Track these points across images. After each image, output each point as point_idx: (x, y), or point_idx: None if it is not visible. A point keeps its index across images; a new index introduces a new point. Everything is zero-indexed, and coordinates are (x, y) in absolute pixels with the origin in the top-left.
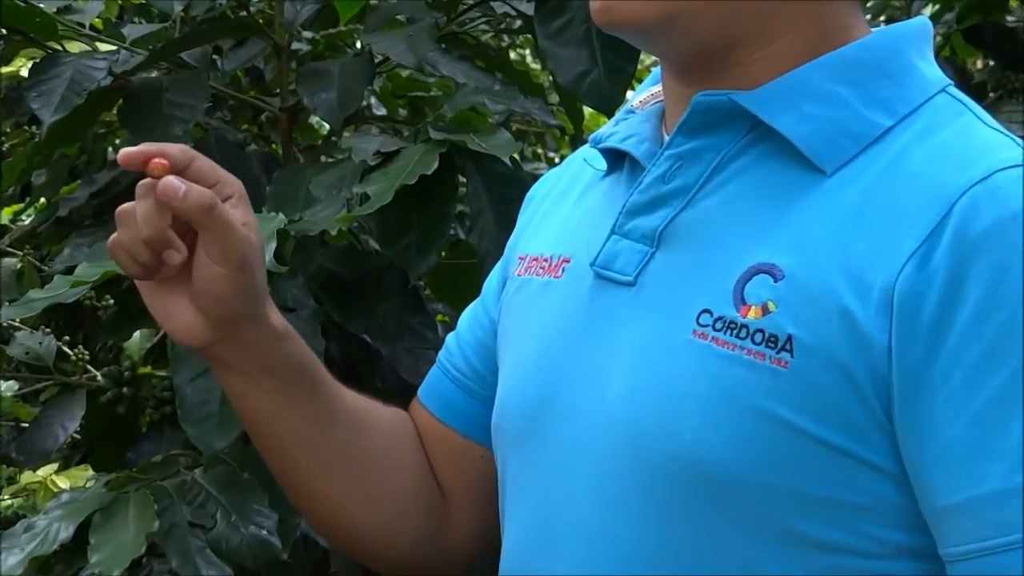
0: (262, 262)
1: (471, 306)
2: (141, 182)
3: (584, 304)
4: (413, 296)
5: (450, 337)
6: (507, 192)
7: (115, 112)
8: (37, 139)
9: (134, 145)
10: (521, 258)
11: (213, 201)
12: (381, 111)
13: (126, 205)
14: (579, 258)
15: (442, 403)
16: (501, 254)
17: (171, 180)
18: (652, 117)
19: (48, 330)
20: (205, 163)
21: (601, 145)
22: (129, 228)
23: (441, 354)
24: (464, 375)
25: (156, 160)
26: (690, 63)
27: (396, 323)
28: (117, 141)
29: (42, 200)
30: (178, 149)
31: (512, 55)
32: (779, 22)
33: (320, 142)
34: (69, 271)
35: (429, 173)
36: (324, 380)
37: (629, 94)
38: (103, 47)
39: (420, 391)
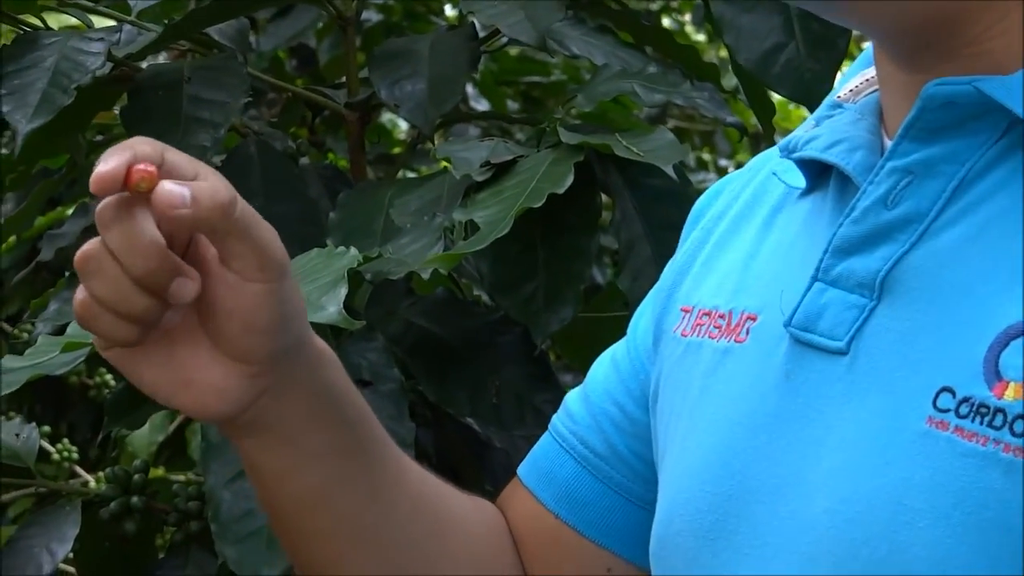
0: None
1: (608, 356)
2: (104, 204)
3: (777, 381)
4: (538, 364)
5: (574, 398)
6: (669, 215)
7: (117, 113)
8: (8, 152)
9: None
10: (686, 310)
11: (232, 194)
12: (482, 105)
13: (88, 248)
14: (769, 315)
15: (559, 489)
16: None
17: (169, 186)
18: (867, 114)
19: (18, 417)
20: (177, 154)
21: (797, 155)
22: (104, 276)
23: (558, 419)
24: (595, 452)
25: (139, 169)
26: (911, 40)
27: (514, 402)
28: None
29: (11, 238)
30: (147, 144)
31: (665, 21)
32: None
33: (401, 150)
34: (58, 333)
35: (561, 192)
36: (382, 439)
37: (839, 78)
38: (99, 22)
39: (523, 469)
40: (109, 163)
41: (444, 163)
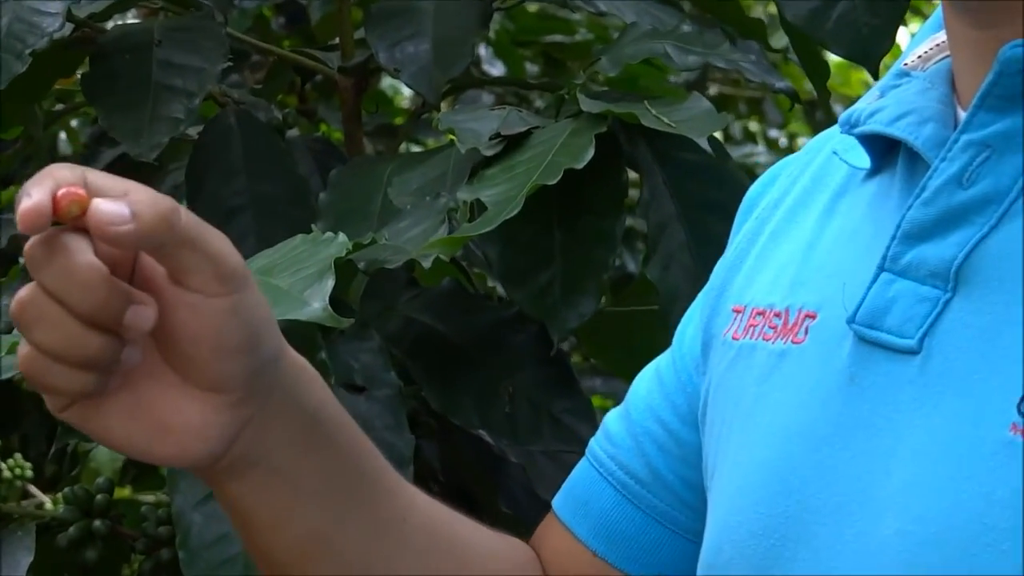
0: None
1: (651, 369)
2: (31, 244)
3: (839, 386)
4: (557, 367)
5: (614, 418)
6: (705, 194)
7: (77, 80)
8: None
9: (111, 129)
10: (737, 310)
11: (173, 202)
12: (497, 68)
13: (23, 295)
14: (830, 311)
15: (596, 521)
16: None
17: (104, 204)
18: (938, 83)
19: None
20: (99, 175)
21: (859, 130)
22: (47, 322)
23: (596, 442)
24: (636, 478)
25: (66, 193)
26: None
27: (530, 411)
28: (73, 123)
29: None
30: (65, 169)
31: None
32: None
33: (402, 121)
34: (8, 331)
35: (581, 167)
36: (382, 466)
37: (903, 39)
38: None
39: (557, 499)
40: (32, 196)
41: (449, 135)
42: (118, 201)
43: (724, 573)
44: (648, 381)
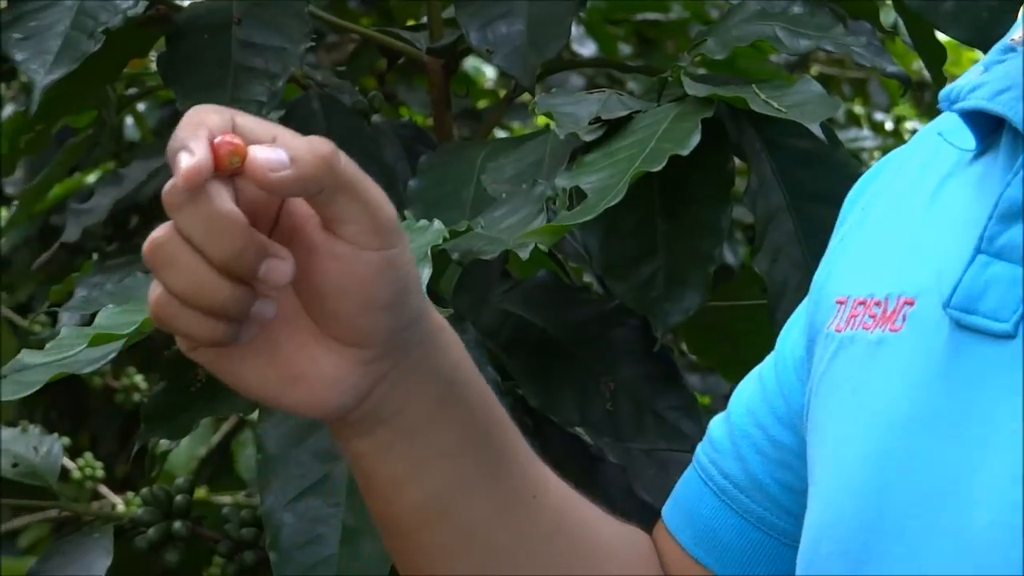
0: None
1: (753, 375)
2: (173, 184)
3: (936, 374)
4: (660, 363)
5: (717, 423)
6: (816, 183)
7: (154, 61)
8: (23, 109)
9: (186, 111)
10: (840, 301)
11: (332, 146)
12: (587, 48)
13: (158, 236)
14: (928, 297)
15: (699, 528)
16: (808, 288)
17: (262, 150)
18: None
19: (36, 427)
20: (246, 117)
21: (959, 105)
22: (181, 266)
23: (701, 450)
24: (734, 483)
25: (225, 143)
26: None
27: (631, 408)
28: (141, 107)
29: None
30: (213, 113)
31: None
32: None
33: (492, 105)
34: (87, 324)
35: (685, 153)
36: (516, 439)
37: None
38: None
39: (666, 510)
40: (194, 152)
41: (545, 120)
42: (275, 147)
43: (822, 569)
44: (749, 385)
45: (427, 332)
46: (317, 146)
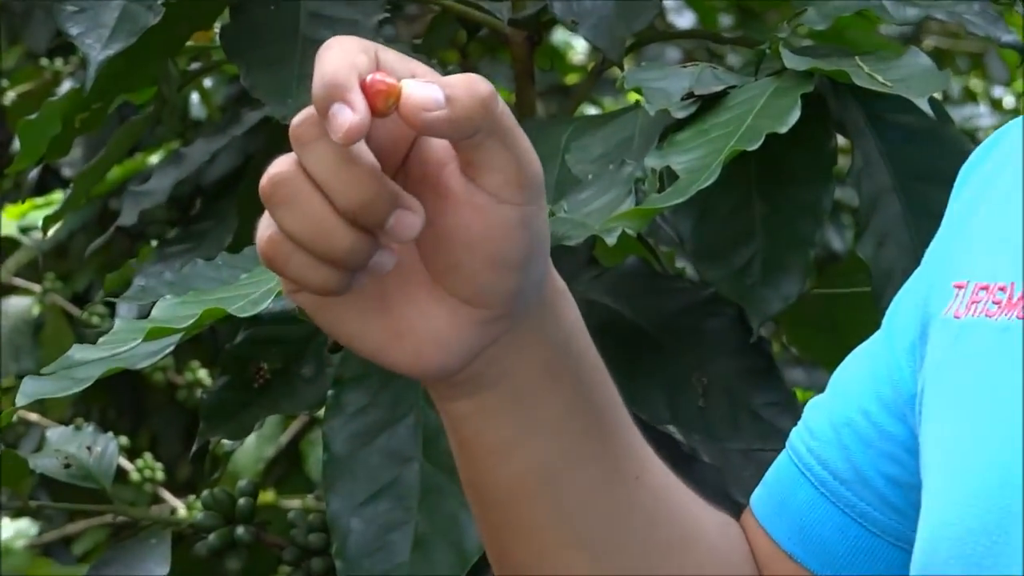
0: None
1: (857, 357)
2: (304, 118)
3: None
4: (758, 355)
5: (816, 408)
6: (924, 162)
7: (216, 34)
8: (78, 86)
9: (253, 89)
10: (959, 286)
11: (490, 87)
12: (685, 20)
13: (281, 171)
14: None
15: (793, 522)
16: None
17: (416, 89)
18: None
19: (90, 426)
20: (386, 51)
21: None
22: (302, 207)
23: (796, 433)
24: (835, 474)
25: (376, 81)
26: None
27: (726, 404)
28: (207, 81)
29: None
30: (355, 44)
31: None
32: None
33: (575, 79)
34: (144, 316)
35: (784, 131)
36: (623, 415)
37: None
38: None
39: (755, 496)
40: (354, 104)
41: (635, 96)
42: (427, 83)
43: (939, 574)
44: (852, 368)
45: (547, 296)
46: (476, 86)
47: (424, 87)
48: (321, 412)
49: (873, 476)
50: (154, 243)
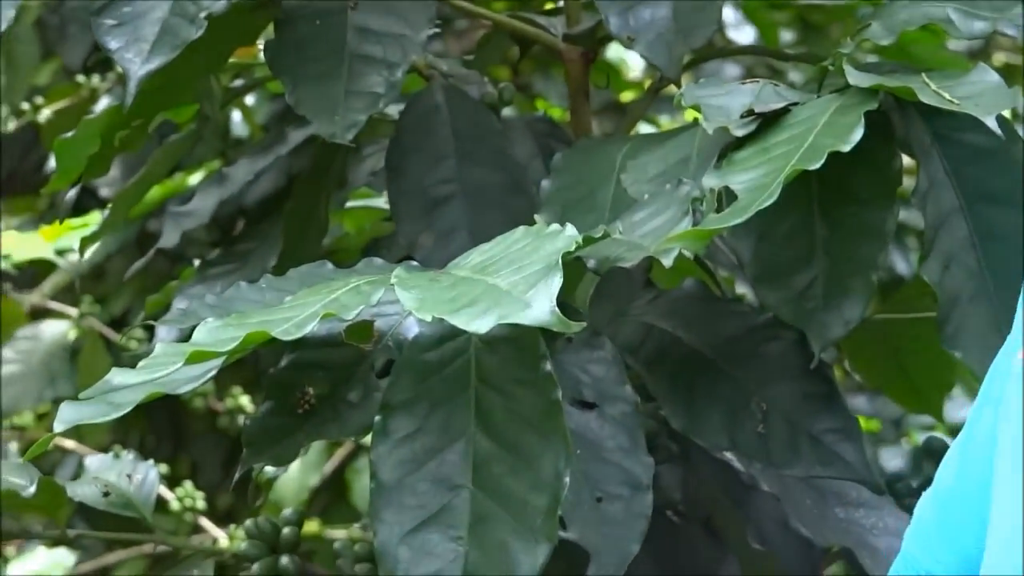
0: None
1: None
2: None
3: None
4: (819, 381)
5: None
6: (992, 183)
7: (261, 49)
8: (118, 103)
9: (298, 105)
10: None
11: None
12: (745, 35)
13: None
14: None
15: None
16: (986, 297)
17: None
18: None
19: (130, 453)
20: None
21: None
22: None
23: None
24: None
25: None
26: None
27: (786, 431)
28: (249, 100)
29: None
30: None
31: None
32: None
33: (631, 97)
34: (185, 339)
35: (847, 149)
36: None
37: None
38: None
39: None
40: None
41: (692, 113)
42: None
43: None
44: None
45: None
46: None
47: None
48: (367, 439)
49: None
50: (196, 264)
